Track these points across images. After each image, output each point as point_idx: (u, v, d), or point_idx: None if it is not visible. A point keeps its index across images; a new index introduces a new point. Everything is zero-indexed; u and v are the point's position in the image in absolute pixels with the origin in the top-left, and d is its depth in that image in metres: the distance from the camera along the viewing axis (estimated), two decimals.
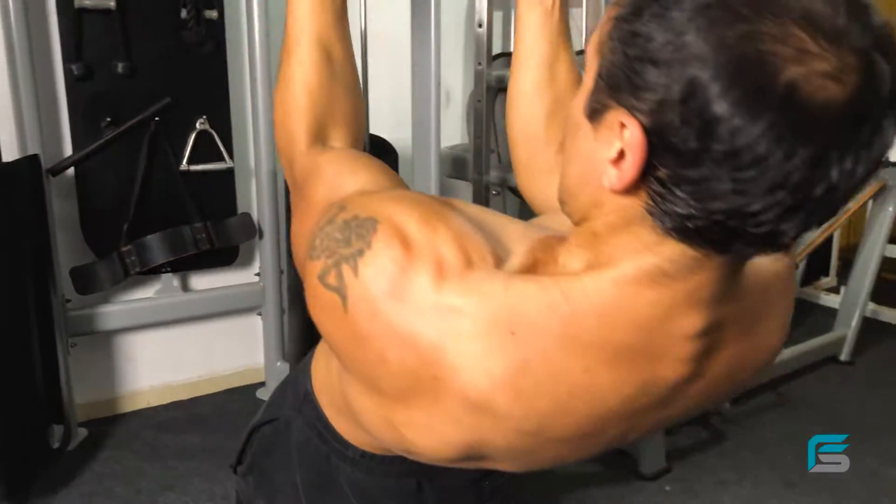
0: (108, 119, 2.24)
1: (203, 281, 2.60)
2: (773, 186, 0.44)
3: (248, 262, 2.66)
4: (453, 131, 2.85)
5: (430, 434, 0.56)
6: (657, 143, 0.46)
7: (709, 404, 0.65)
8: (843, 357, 3.02)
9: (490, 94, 2.26)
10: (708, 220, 0.47)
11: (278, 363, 2.64)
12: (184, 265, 2.47)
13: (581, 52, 2.02)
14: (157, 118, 2.29)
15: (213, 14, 2.33)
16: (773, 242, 0.49)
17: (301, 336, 2.50)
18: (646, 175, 0.48)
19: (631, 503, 2.07)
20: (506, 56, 2.41)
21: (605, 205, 0.52)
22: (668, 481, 2.17)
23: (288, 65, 0.74)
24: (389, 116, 2.50)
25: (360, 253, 0.54)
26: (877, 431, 2.46)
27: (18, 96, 2.09)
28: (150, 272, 2.41)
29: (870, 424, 2.51)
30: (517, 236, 0.58)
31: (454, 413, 0.54)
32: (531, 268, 0.55)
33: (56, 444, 2.15)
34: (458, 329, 0.52)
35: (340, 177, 0.66)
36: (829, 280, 3.88)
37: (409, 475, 0.80)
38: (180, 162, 2.37)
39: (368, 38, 2.25)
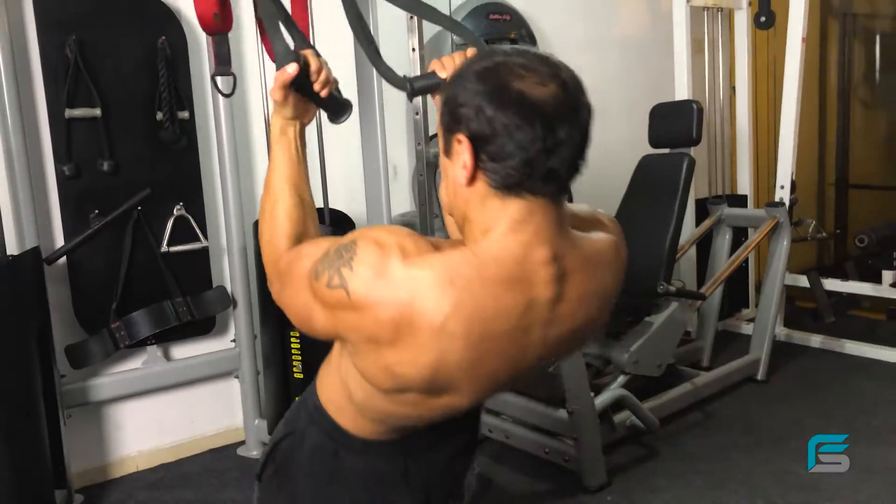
0: (97, 211, 2.54)
1: (184, 350, 2.87)
2: (532, 143, 0.86)
3: (223, 330, 2.94)
4: (402, 200, 3.22)
5: (412, 363, 0.89)
6: (475, 142, 0.88)
7: (578, 333, 1.01)
8: (760, 376, 3.41)
9: (429, 168, 2.63)
10: (513, 173, 0.88)
11: (256, 421, 2.90)
12: (166, 336, 2.74)
13: None
14: (139, 208, 2.60)
15: (185, 114, 2.67)
16: (554, 177, 0.89)
17: (277, 394, 2.76)
18: (477, 165, 0.89)
19: None
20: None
21: (470, 200, 0.92)
22: (610, 492, 2.49)
23: (273, 203, 1.08)
24: (344, 191, 2.85)
25: (351, 258, 0.88)
26: (786, 437, 2.83)
27: (17, 195, 2.38)
28: (137, 344, 2.68)
29: (779, 433, 2.88)
30: (443, 242, 0.97)
31: (424, 341, 0.87)
32: (451, 249, 0.93)
33: None
34: (420, 288, 0.86)
35: (315, 248, 0.97)
36: (749, 311, 4.30)
37: (398, 456, 1.10)
38: (161, 244, 2.67)
39: (323, 126, 2.62)
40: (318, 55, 1.12)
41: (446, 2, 2.83)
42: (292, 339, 2.67)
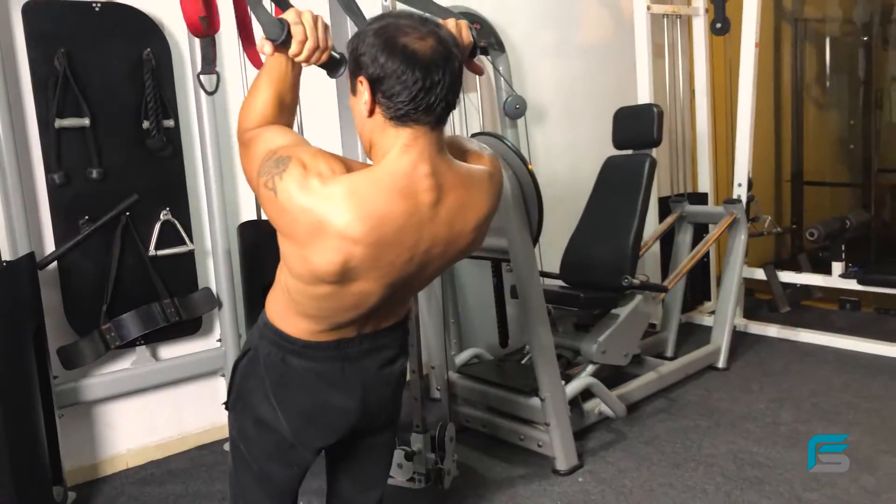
0: (86, 217, 2.63)
1: (171, 350, 2.97)
2: (413, 83, 1.15)
3: (209, 330, 3.05)
4: None
5: (323, 256, 1.17)
6: (373, 82, 1.17)
7: (456, 237, 1.28)
8: (720, 365, 3.61)
9: None
10: (401, 107, 1.17)
11: None
12: (154, 337, 2.84)
13: (481, 134, 2.57)
14: (127, 213, 2.70)
15: (171, 123, 2.77)
16: (432, 110, 1.18)
17: None
18: (375, 102, 1.18)
19: (552, 493, 2.53)
20: None
21: (373, 130, 1.22)
22: (581, 474, 2.65)
23: (255, 92, 1.31)
24: None
25: (283, 171, 1.17)
26: (743, 420, 3.02)
27: (9, 203, 2.47)
28: (127, 345, 2.78)
29: (738, 416, 3.07)
30: (356, 164, 1.24)
31: (334, 242, 1.16)
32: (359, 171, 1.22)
33: (58, 501, 2.46)
34: (333, 201, 1.14)
35: (272, 137, 1.24)
36: (711, 304, 4.50)
37: (336, 360, 1.37)
38: (148, 248, 2.77)
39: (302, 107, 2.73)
40: (305, 21, 1.25)
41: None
42: None
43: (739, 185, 3.87)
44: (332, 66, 1.33)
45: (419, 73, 1.14)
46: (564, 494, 2.53)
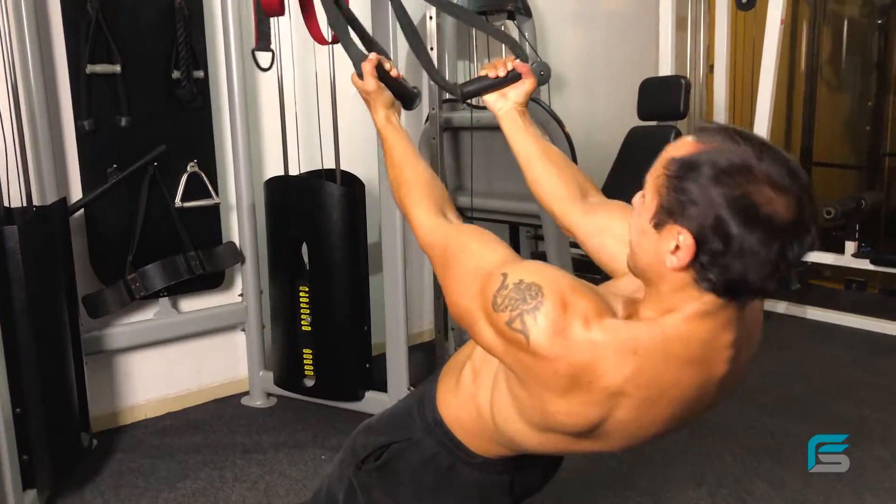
0: (114, 166, 2.62)
1: (193, 303, 2.98)
2: (761, 266, 0.84)
3: (231, 284, 3.05)
4: None
5: (578, 415, 0.95)
6: (699, 244, 0.85)
7: (727, 396, 1.07)
8: None
9: (440, 132, 2.76)
10: (727, 284, 0.87)
11: (261, 372, 3.03)
12: (177, 289, 2.85)
13: None
14: (154, 163, 2.69)
15: (200, 74, 2.75)
16: (762, 294, 0.91)
17: (284, 346, 2.90)
18: (692, 265, 0.87)
19: (569, 457, 2.57)
20: (453, 101, 2.95)
21: (666, 277, 0.91)
22: None
23: (401, 171, 1.23)
24: (357, 155, 2.96)
25: (536, 308, 0.91)
26: (754, 391, 3.07)
27: (38, 149, 2.45)
28: (150, 296, 2.78)
29: (749, 387, 3.11)
30: (612, 297, 0.99)
31: (597, 398, 0.93)
32: (629, 316, 0.96)
33: (85, 446, 2.48)
34: (601, 353, 0.90)
35: (482, 252, 1.04)
36: None
37: (506, 473, 1.24)
38: (174, 200, 2.76)
39: (337, 89, 2.73)
40: (387, 56, 1.29)
41: None
42: (301, 294, 2.80)
43: None
44: (410, 96, 1.34)
45: (774, 254, 0.84)
46: (583, 456, 2.57)
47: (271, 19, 1.74)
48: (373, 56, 1.26)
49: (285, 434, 2.79)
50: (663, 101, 3.22)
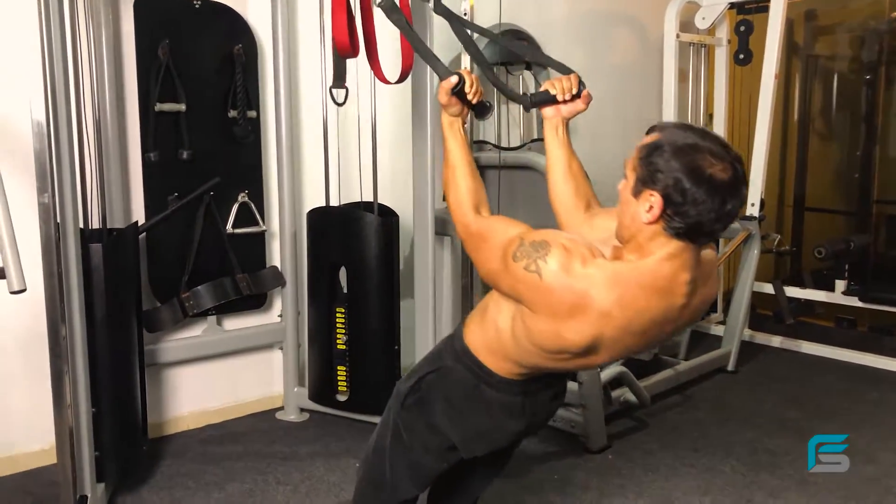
0: (175, 194, 2.89)
1: (235, 322, 3.22)
2: (708, 212, 1.20)
3: (271, 306, 3.30)
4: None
5: (579, 331, 1.27)
6: (665, 200, 1.21)
7: (685, 323, 1.41)
8: (730, 367, 3.91)
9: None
10: (686, 229, 1.22)
11: (296, 388, 3.26)
12: (223, 308, 3.10)
13: None
14: (210, 193, 2.96)
15: (254, 113, 3.04)
16: (712, 236, 1.28)
17: (320, 364, 3.13)
18: (661, 217, 1.23)
19: (585, 467, 2.81)
20: (481, 142, 3.24)
21: (644, 230, 1.26)
22: (610, 453, 2.93)
23: (453, 172, 1.48)
24: (392, 189, 3.23)
25: (546, 254, 1.26)
26: (753, 415, 3.32)
27: (110, 177, 2.72)
28: (199, 314, 3.02)
29: (748, 412, 3.37)
30: (602, 245, 1.32)
31: (592, 319, 1.25)
32: (615, 258, 1.30)
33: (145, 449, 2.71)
34: (594, 283, 1.24)
35: (506, 229, 1.36)
36: (718, 315, 4.80)
37: (520, 395, 1.51)
38: (226, 226, 3.03)
39: (377, 127, 3.01)
40: (469, 73, 1.53)
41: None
42: (338, 315, 3.05)
43: (752, 204, 4.17)
44: (483, 109, 1.57)
45: (717, 203, 1.19)
46: (597, 468, 2.81)
47: (346, 60, 2.01)
48: (454, 78, 1.48)
49: (320, 445, 3.01)
50: None
